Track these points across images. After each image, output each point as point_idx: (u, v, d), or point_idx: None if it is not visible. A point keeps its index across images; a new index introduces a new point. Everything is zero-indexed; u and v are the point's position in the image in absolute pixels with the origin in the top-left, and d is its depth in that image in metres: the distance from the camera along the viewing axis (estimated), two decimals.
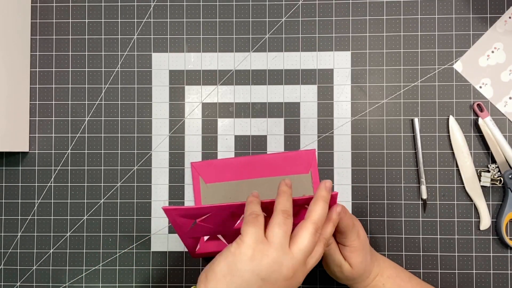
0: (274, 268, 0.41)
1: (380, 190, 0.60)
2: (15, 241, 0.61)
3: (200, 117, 0.61)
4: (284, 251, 0.41)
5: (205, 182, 0.60)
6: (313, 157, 0.60)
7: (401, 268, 0.54)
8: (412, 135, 0.60)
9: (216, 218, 0.49)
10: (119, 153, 0.61)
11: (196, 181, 0.60)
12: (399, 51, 0.61)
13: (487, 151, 0.59)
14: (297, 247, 0.42)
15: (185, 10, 0.62)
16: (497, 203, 0.59)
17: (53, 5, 0.62)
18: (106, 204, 0.61)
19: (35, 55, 0.62)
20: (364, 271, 0.50)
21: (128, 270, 0.61)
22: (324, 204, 0.44)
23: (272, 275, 0.41)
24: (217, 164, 0.60)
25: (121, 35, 0.62)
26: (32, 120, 0.62)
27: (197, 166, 0.60)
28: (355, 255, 0.49)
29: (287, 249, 0.41)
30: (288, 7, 0.61)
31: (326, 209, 0.44)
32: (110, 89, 0.62)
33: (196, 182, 0.60)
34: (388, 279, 0.52)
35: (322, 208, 0.43)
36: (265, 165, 0.60)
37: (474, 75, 0.60)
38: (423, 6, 0.61)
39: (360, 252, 0.50)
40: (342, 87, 0.61)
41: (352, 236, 0.49)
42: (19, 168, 0.62)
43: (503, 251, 0.59)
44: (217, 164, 0.60)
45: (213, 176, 0.60)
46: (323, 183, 0.45)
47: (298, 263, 0.41)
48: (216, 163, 0.60)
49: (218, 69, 0.61)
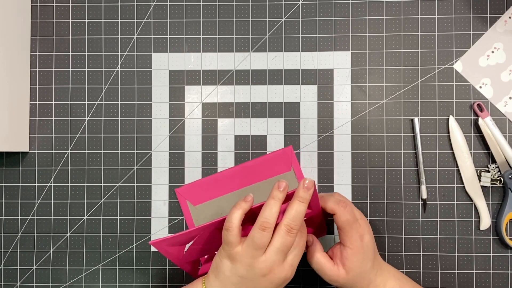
0: (248, 269, 0.46)
1: (380, 190, 0.60)
2: (15, 241, 0.61)
3: (200, 117, 0.61)
4: (254, 256, 0.45)
5: (194, 205, 0.60)
6: (291, 154, 0.59)
7: (407, 278, 0.53)
8: (412, 135, 0.60)
9: (204, 237, 0.50)
10: (119, 153, 0.61)
11: (184, 205, 0.60)
12: (399, 51, 0.61)
13: (487, 151, 0.59)
14: (269, 249, 0.46)
15: (185, 10, 0.62)
16: (497, 203, 0.59)
17: (53, 5, 0.62)
18: (106, 204, 0.61)
19: (35, 55, 0.62)
20: (360, 277, 0.49)
21: (128, 270, 0.61)
22: (299, 205, 0.46)
23: (248, 274, 0.46)
24: (201, 184, 0.60)
25: (121, 35, 0.62)
26: (32, 120, 0.62)
27: (182, 191, 0.60)
28: (353, 259, 0.49)
29: (259, 254, 0.46)
30: (288, 7, 0.61)
31: (302, 208, 0.46)
32: (110, 89, 0.62)
33: (185, 207, 0.60)
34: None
35: (295, 209, 0.46)
36: (248, 173, 0.59)
37: (474, 75, 0.60)
38: (423, 6, 0.61)
39: (360, 256, 0.49)
40: (342, 87, 0.61)
41: (353, 236, 0.49)
42: (19, 168, 0.62)
43: (503, 251, 0.59)
44: (201, 184, 0.60)
45: (200, 196, 0.60)
46: (302, 182, 0.46)
47: (272, 262, 0.46)
48: (200, 183, 0.60)
49: (218, 69, 0.61)
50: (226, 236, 0.46)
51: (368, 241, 0.49)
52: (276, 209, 0.45)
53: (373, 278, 0.50)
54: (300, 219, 0.46)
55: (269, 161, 0.59)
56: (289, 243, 0.46)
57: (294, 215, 0.46)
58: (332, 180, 0.60)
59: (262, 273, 0.45)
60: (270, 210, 0.45)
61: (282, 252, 0.46)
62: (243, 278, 0.46)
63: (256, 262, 0.45)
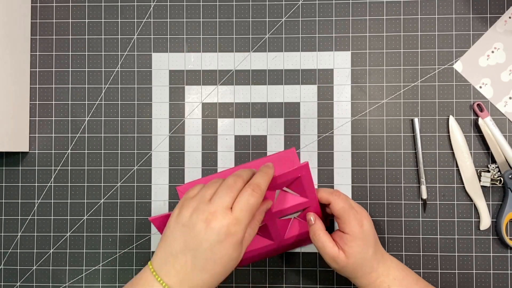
0: (192, 213, 0.42)
1: (380, 190, 0.60)
2: (15, 241, 0.61)
3: (200, 117, 0.61)
4: (202, 200, 0.42)
5: None
6: (293, 155, 0.58)
7: (409, 270, 0.53)
8: (412, 135, 0.60)
9: None
10: (119, 153, 0.61)
11: None
12: (399, 51, 0.61)
13: (487, 151, 0.59)
14: (216, 195, 0.42)
15: (185, 10, 0.62)
16: (497, 203, 0.59)
17: (53, 5, 0.62)
18: (106, 204, 0.61)
19: (35, 55, 0.62)
20: (361, 264, 0.49)
21: (128, 270, 0.61)
22: (264, 174, 0.45)
23: (191, 220, 0.41)
24: (202, 182, 0.56)
25: (121, 35, 0.62)
26: (32, 120, 0.62)
27: (183, 189, 0.56)
28: (353, 244, 0.49)
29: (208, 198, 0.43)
30: (288, 7, 0.61)
31: (267, 177, 0.45)
32: (110, 89, 0.62)
33: None
34: (394, 281, 0.50)
35: (260, 176, 0.44)
36: None
37: (474, 75, 0.60)
38: (423, 6, 0.61)
39: (360, 242, 0.49)
40: (342, 87, 0.61)
41: (352, 222, 0.49)
42: (19, 168, 0.62)
43: (503, 251, 0.59)
44: (202, 182, 0.56)
45: None
46: None
47: (216, 206, 0.41)
48: (201, 181, 0.57)
49: (218, 69, 0.61)
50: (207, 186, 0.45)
51: (368, 227, 0.50)
52: (265, 180, 0.45)
53: (376, 266, 0.50)
54: (266, 184, 0.44)
55: (271, 162, 0.59)
56: (245, 199, 0.42)
57: (258, 178, 0.44)
58: (332, 180, 0.60)
59: (204, 217, 0.41)
60: (262, 177, 0.45)
61: (230, 198, 0.42)
62: (184, 226, 0.41)
63: (201, 204, 0.42)
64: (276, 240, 0.55)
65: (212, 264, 0.40)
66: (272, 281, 0.60)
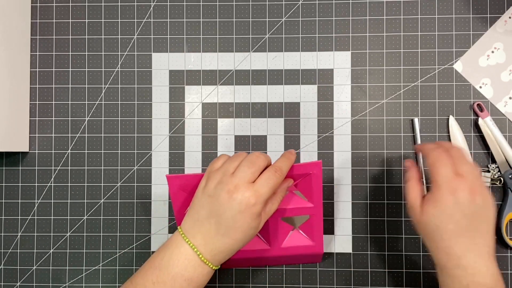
0: (217, 185, 0.46)
1: (380, 190, 0.60)
2: (15, 241, 0.61)
3: (200, 117, 0.61)
4: (225, 173, 0.46)
5: None
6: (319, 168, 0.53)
7: (502, 283, 0.45)
8: (412, 135, 0.60)
9: None
10: (119, 153, 0.61)
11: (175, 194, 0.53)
12: (399, 51, 0.61)
13: (487, 151, 0.59)
14: (239, 168, 0.46)
15: (185, 10, 0.62)
16: (497, 203, 0.59)
17: (53, 5, 0.62)
18: (106, 204, 0.61)
19: (35, 55, 0.62)
20: (434, 233, 0.45)
21: (128, 270, 0.61)
22: (286, 159, 0.49)
23: (216, 191, 0.46)
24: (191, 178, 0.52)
25: (121, 35, 0.62)
26: (32, 120, 0.62)
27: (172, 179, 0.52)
28: (431, 204, 0.45)
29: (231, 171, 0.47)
30: (288, 7, 0.61)
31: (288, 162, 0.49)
32: (110, 89, 0.62)
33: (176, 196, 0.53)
34: (476, 285, 0.43)
35: (283, 160, 0.49)
36: None
37: (474, 75, 0.60)
38: (423, 6, 0.61)
39: (439, 206, 0.44)
40: (342, 87, 0.61)
41: (442, 188, 0.45)
42: (19, 168, 0.62)
43: (503, 251, 0.59)
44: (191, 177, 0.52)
45: None
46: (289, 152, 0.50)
47: (239, 178, 0.45)
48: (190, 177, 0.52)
49: (218, 69, 0.61)
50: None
51: (462, 200, 0.43)
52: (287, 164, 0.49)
53: (458, 252, 0.44)
54: (287, 168, 0.48)
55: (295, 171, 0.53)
56: (266, 177, 0.46)
57: (281, 162, 0.48)
58: (332, 180, 0.60)
59: (227, 188, 0.45)
60: (284, 162, 0.48)
61: (251, 173, 0.46)
62: (210, 197, 0.46)
63: (225, 177, 0.46)
64: (273, 246, 0.55)
65: (233, 231, 0.45)
66: (272, 281, 0.60)
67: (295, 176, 0.52)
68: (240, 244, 0.46)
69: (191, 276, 0.45)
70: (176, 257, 0.45)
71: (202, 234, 0.46)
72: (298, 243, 0.56)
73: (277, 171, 0.47)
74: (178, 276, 0.44)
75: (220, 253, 0.46)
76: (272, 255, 0.56)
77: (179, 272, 0.44)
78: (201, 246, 0.45)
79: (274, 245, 0.55)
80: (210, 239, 0.45)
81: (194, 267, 0.45)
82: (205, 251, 0.45)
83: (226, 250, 0.46)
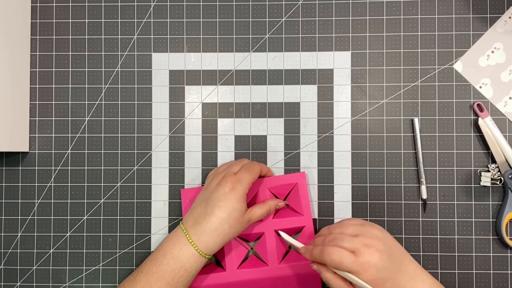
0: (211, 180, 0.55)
1: (380, 190, 0.60)
2: (15, 241, 0.61)
3: (200, 117, 0.61)
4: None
5: None
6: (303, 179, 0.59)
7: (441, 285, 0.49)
8: (412, 135, 0.60)
9: None
10: (119, 153, 0.61)
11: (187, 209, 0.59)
12: (399, 51, 0.61)
13: (487, 151, 0.59)
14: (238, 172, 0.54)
15: (185, 10, 0.62)
16: (497, 203, 0.59)
17: (53, 5, 0.62)
18: (106, 204, 0.61)
19: (35, 55, 0.62)
20: None
21: (128, 270, 0.61)
22: (272, 206, 0.57)
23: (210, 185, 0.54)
24: None
25: (121, 35, 0.62)
26: (32, 120, 0.62)
27: (186, 192, 0.60)
28: None
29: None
30: (288, 7, 0.61)
31: (257, 165, 0.57)
32: (110, 89, 0.62)
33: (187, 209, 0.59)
34: None
35: (272, 205, 0.57)
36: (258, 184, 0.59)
37: (474, 75, 0.60)
38: (423, 6, 0.61)
39: None
40: (342, 87, 0.61)
41: None
42: (19, 168, 0.62)
43: (503, 251, 0.59)
44: None
45: None
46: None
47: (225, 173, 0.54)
48: None
49: (218, 69, 0.61)
50: None
51: (375, 260, 0.46)
52: None
53: None
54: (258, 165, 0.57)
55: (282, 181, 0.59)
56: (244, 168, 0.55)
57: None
58: (332, 180, 0.60)
59: (217, 181, 0.54)
60: None
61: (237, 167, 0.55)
62: (205, 189, 0.55)
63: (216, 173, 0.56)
64: (271, 265, 0.57)
65: (217, 209, 0.51)
66: None
67: (280, 187, 0.58)
68: (224, 227, 0.51)
69: (177, 254, 0.51)
70: (170, 237, 0.53)
71: (193, 217, 0.53)
72: (294, 261, 0.57)
73: (252, 165, 0.56)
74: (167, 253, 0.51)
75: (204, 233, 0.51)
76: (271, 275, 0.57)
77: (168, 250, 0.52)
78: (190, 227, 0.52)
79: (273, 264, 0.57)
80: (198, 219, 0.52)
81: (181, 246, 0.51)
82: (193, 232, 0.52)
83: (209, 231, 0.51)
